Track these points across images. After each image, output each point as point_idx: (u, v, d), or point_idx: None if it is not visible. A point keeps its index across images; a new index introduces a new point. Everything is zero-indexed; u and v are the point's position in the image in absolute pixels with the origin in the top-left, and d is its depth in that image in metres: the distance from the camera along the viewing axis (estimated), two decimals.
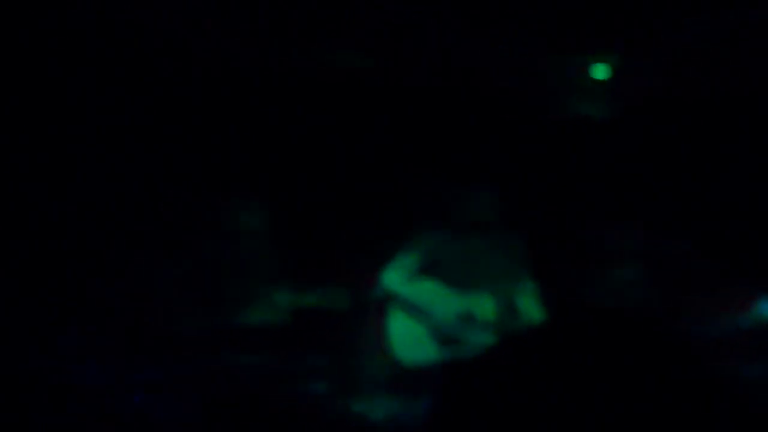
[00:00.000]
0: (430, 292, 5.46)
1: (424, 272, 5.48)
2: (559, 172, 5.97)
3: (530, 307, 5.49)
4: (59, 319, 5.18)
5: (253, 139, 5.79)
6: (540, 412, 1.52)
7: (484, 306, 5.43)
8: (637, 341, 1.50)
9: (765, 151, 5.83)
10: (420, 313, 5.40)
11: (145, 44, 5.53)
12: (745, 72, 5.68)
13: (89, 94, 5.51)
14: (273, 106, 5.80)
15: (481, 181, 5.59)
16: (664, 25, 5.46)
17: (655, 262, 5.61)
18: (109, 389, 5.02)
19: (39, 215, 5.46)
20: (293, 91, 5.77)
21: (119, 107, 5.60)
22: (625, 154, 5.98)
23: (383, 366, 5.39)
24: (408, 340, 5.38)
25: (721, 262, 5.63)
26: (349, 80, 5.78)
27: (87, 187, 5.57)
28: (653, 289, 5.53)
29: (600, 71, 5.78)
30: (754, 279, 5.38)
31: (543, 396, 1.54)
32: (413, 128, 5.96)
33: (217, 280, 5.46)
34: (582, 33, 5.56)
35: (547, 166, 5.97)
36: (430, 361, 5.33)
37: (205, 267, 5.47)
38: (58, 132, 5.50)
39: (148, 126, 5.63)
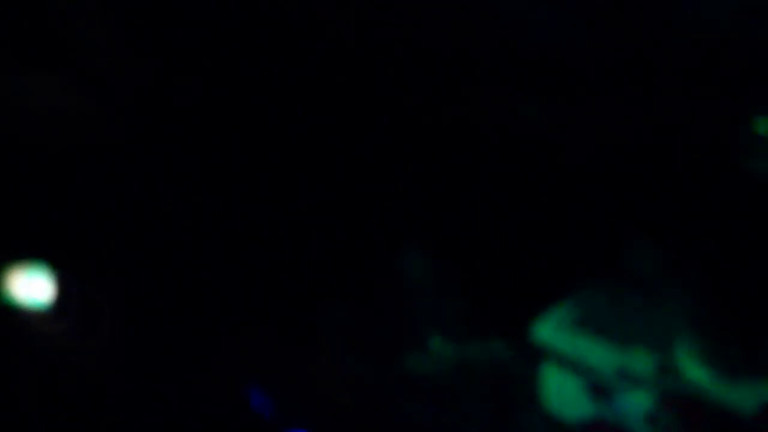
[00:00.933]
0: (586, 346, 5.49)
1: (580, 325, 5.50)
2: (724, 231, 5.70)
3: (690, 367, 5.44)
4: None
5: (420, 190, 5.80)
6: None
7: (642, 362, 5.42)
8: None
9: None
10: (576, 367, 5.46)
11: None
12: None
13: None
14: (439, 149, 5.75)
15: (644, 235, 5.45)
16: None
17: None
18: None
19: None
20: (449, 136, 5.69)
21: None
22: None
23: (538, 420, 5.54)
24: (563, 394, 5.48)
25: None
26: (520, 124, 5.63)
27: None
28: None
29: (765, 126, 5.38)
30: None
31: None
32: (579, 177, 5.79)
33: (382, 328, 5.67)
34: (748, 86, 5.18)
35: (713, 225, 5.71)
36: (584, 416, 5.43)
37: (373, 315, 5.68)
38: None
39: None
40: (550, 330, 5.59)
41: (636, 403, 5.42)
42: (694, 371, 5.39)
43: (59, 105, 5.50)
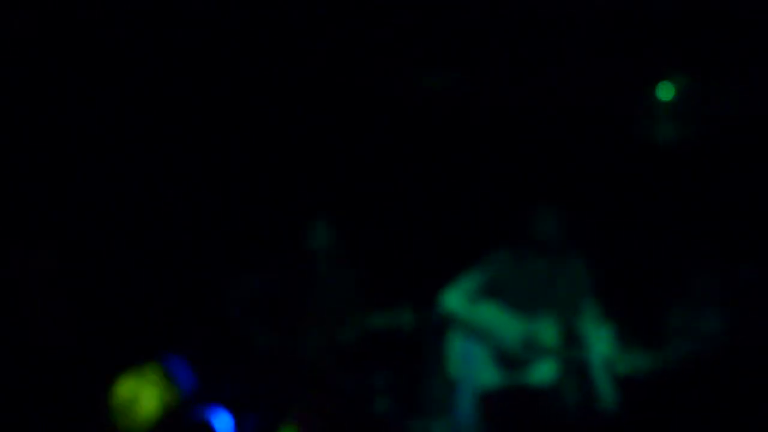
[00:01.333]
0: (492, 315, 5.51)
1: (487, 294, 5.52)
2: (625, 194, 5.78)
3: (592, 333, 5.49)
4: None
5: (324, 159, 5.82)
6: None
7: (547, 330, 5.46)
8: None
9: None
10: (482, 336, 5.48)
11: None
12: None
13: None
14: (346, 121, 5.78)
15: (547, 201, 5.49)
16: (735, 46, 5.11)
17: (724, 290, 5.48)
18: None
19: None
20: (363, 106, 5.72)
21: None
22: (694, 177, 5.72)
23: (444, 387, 5.57)
24: (469, 362, 5.49)
25: None
26: (421, 95, 5.68)
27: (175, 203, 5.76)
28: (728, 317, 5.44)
29: (666, 92, 5.48)
30: None
31: None
32: (481, 146, 5.83)
33: (290, 298, 5.67)
34: (650, 52, 5.27)
35: (613, 188, 5.78)
36: (489, 383, 5.45)
37: (279, 286, 5.68)
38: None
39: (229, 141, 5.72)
40: (457, 299, 5.60)
41: (542, 371, 5.46)
42: (597, 339, 5.45)
43: None
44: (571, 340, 5.43)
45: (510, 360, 5.45)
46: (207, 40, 5.50)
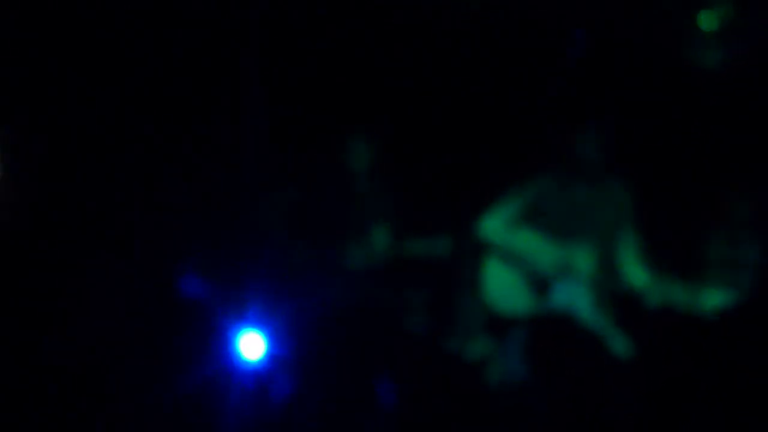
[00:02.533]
0: (528, 241, 5.50)
1: (524, 220, 5.50)
2: (670, 123, 5.69)
3: (630, 262, 5.47)
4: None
5: (360, 79, 5.74)
6: None
7: (583, 258, 5.45)
8: None
9: None
10: (517, 261, 5.48)
11: None
12: None
13: None
14: (387, 40, 5.69)
15: (588, 128, 5.42)
16: None
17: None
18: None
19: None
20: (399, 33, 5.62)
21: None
22: (738, 107, 5.63)
23: (478, 310, 5.59)
24: (503, 286, 5.50)
25: None
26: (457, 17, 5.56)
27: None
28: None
29: (709, 20, 5.36)
30: None
31: None
32: (517, 71, 5.74)
33: (321, 217, 5.65)
34: None
35: (659, 116, 5.69)
36: (524, 310, 5.47)
37: (310, 204, 5.66)
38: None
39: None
40: (495, 225, 5.57)
41: (575, 298, 5.47)
42: (634, 269, 5.44)
43: None
44: (607, 267, 5.43)
45: (543, 286, 5.47)
46: None
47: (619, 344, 5.29)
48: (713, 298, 5.27)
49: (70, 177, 5.62)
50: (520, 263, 5.47)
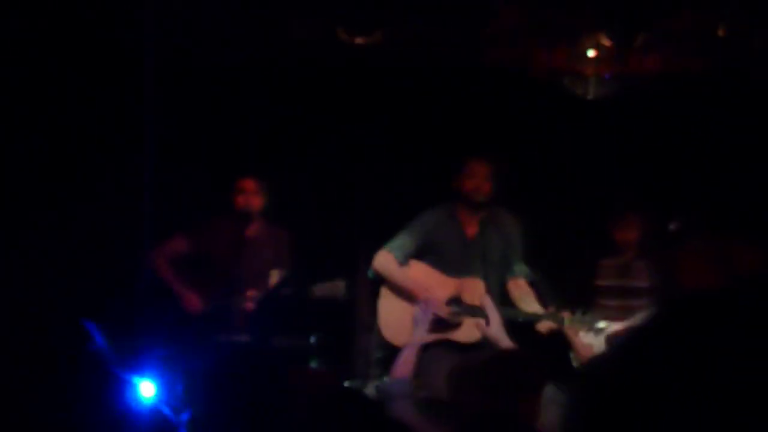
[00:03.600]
0: (422, 275, 5.58)
1: (417, 254, 5.59)
2: (560, 154, 5.80)
3: (520, 292, 5.56)
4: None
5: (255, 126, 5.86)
6: None
7: (474, 289, 5.53)
8: None
9: None
10: (411, 296, 5.54)
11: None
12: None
13: None
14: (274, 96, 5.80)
15: (483, 158, 5.53)
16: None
17: (653, 252, 5.55)
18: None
19: None
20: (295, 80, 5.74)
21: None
22: (623, 135, 5.74)
23: (375, 346, 5.67)
24: (398, 321, 5.57)
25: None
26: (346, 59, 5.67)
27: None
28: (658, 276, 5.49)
29: (594, 49, 5.49)
30: None
31: None
32: (407, 107, 5.85)
33: (223, 262, 5.75)
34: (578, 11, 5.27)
35: (549, 148, 5.81)
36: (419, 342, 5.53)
37: (212, 249, 5.76)
38: None
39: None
40: (387, 260, 5.60)
41: (470, 330, 5.53)
42: (525, 299, 5.52)
43: None
44: (498, 297, 5.51)
45: (439, 320, 5.53)
46: None
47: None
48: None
49: None
50: (413, 297, 5.52)
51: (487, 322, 4.45)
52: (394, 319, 5.56)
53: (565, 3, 5.49)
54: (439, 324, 5.45)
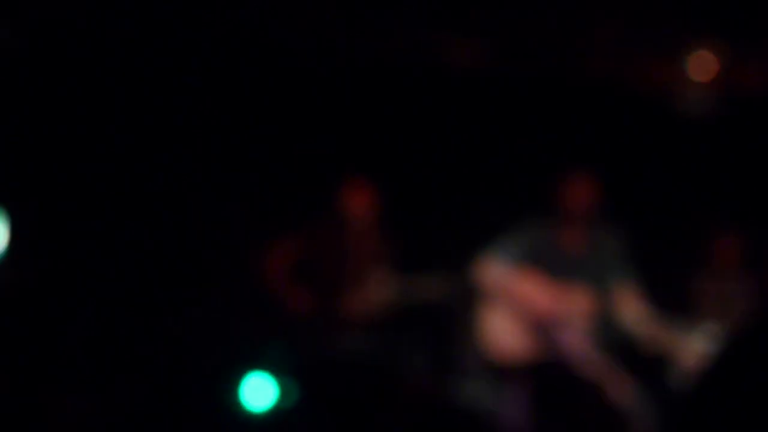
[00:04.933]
0: (526, 284, 5.56)
1: (522, 263, 5.56)
2: (666, 169, 5.81)
3: (628, 307, 5.54)
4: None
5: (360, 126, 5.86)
6: None
7: (582, 300, 5.51)
8: None
9: None
10: (516, 305, 5.53)
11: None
12: None
13: None
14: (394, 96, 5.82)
15: (587, 174, 5.52)
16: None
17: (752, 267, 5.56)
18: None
19: None
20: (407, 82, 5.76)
21: None
22: (731, 152, 5.75)
23: (478, 354, 5.65)
24: (502, 330, 5.56)
25: None
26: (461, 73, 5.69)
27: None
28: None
29: (704, 69, 5.50)
30: None
31: None
32: (518, 119, 5.85)
33: (324, 266, 5.74)
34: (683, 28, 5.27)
35: (654, 163, 5.81)
36: (522, 352, 5.53)
37: (315, 254, 5.75)
38: None
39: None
40: (495, 267, 5.62)
41: (574, 341, 5.54)
42: (629, 310, 5.54)
43: None
44: (606, 309, 5.50)
45: (542, 329, 5.52)
46: None
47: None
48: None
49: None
50: (518, 307, 5.52)
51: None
52: (503, 331, 5.52)
53: (666, 15, 5.48)
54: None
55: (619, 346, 5.49)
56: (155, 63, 5.73)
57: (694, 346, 5.31)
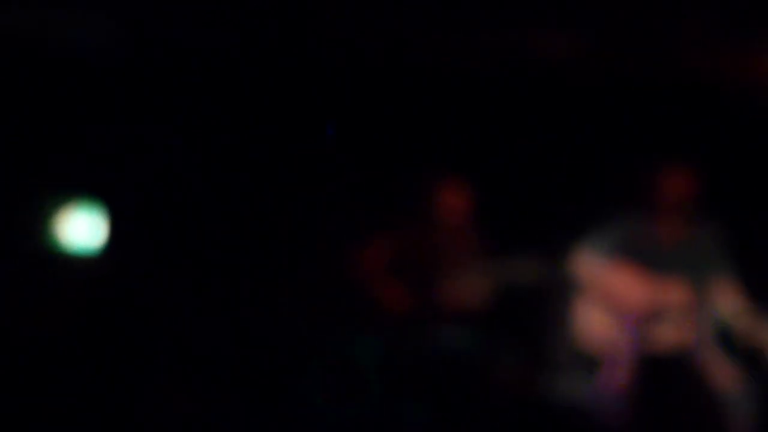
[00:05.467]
0: (621, 277, 5.53)
1: (617, 256, 5.53)
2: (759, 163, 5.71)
3: (724, 300, 5.47)
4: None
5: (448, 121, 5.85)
6: None
7: (677, 295, 5.47)
8: None
9: None
10: (610, 298, 5.50)
11: None
12: None
13: None
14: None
15: (683, 166, 5.47)
16: None
17: None
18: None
19: None
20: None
21: None
22: None
23: (570, 347, 5.63)
24: (597, 322, 5.53)
25: None
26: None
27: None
28: None
29: None
30: None
31: None
32: (612, 111, 5.80)
33: (419, 262, 5.76)
34: None
35: (748, 157, 5.71)
36: (616, 346, 5.50)
37: (406, 246, 5.76)
38: None
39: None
40: (588, 259, 5.61)
41: (669, 336, 5.48)
42: (726, 305, 5.46)
43: None
44: (701, 305, 5.44)
45: (637, 324, 5.49)
46: None
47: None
48: None
49: None
50: (613, 300, 5.49)
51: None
52: (595, 324, 5.51)
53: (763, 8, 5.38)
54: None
55: (717, 339, 5.43)
56: (260, 63, 5.81)
57: None
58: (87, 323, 5.47)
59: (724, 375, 5.34)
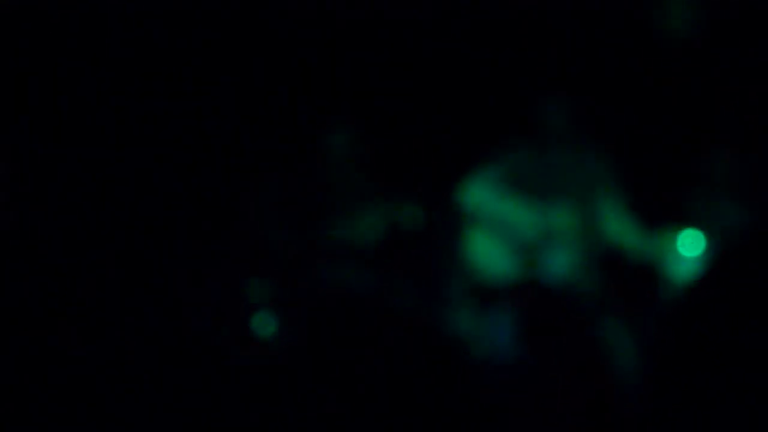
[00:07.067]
0: (511, 207, 5.50)
1: (505, 186, 5.50)
2: (647, 87, 5.70)
3: (614, 225, 5.45)
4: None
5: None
6: None
7: (566, 222, 5.44)
8: None
9: None
10: (500, 229, 5.47)
11: None
12: None
13: None
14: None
15: (566, 92, 5.44)
16: None
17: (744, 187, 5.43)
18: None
19: None
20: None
21: None
22: (714, 69, 5.62)
23: (463, 281, 5.58)
24: (488, 255, 5.49)
25: None
26: None
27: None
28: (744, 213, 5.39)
29: None
30: None
31: None
32: (491, 38, 5.79)
33: (306, 198, 5.71)
34: None
35: (637, 80, 5.71)
36: (509, 277, 5.45)
37: (296, 187, 5.72)
38: None
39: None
40: (476, 192, 5.56)
41: (561, 262, 5.44)
42: (615, 226, 5.42)
43: None
44: (591, 230, 5.42)
45: (528, 252, 5.45)
46: None
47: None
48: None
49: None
50: (503, 230, 5.45)
51: None
52: (488, 255, 5.46)
53: None
54: None
55: (606, 261, 5.40)
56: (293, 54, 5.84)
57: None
58: None
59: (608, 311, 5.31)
